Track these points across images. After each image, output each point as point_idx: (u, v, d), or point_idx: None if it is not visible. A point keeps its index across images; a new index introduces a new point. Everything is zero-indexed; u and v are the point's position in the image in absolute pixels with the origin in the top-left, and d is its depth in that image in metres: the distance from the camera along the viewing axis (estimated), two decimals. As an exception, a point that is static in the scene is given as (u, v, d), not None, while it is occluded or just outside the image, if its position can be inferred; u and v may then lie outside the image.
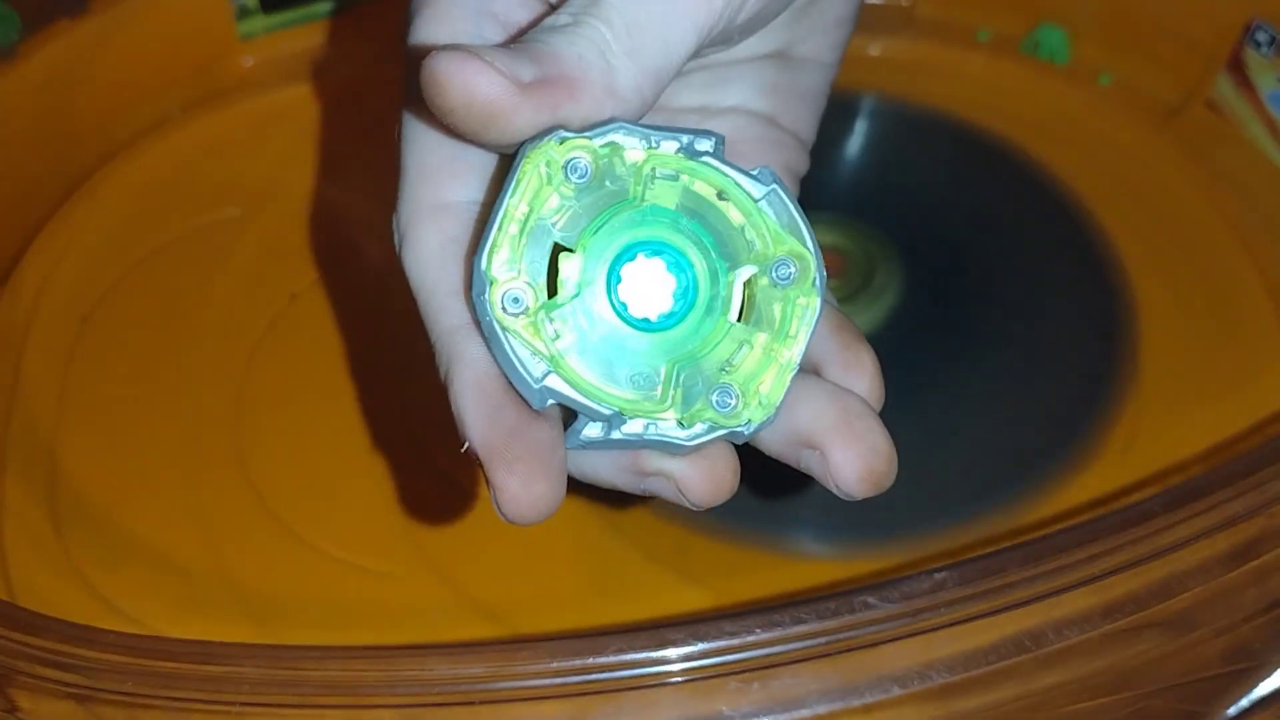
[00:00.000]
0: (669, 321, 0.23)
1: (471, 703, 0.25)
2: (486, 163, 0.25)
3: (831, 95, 0.31)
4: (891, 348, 0.40)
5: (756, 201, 0.23)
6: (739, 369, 0.23)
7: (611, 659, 0.25)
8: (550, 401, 0.23)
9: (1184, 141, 0.46)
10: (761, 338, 0.23)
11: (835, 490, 0.24)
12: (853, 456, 0.24)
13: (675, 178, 0.23)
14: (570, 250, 0.23)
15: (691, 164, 0.23)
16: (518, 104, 0.22)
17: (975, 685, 0.25)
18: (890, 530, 0.36)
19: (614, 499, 0.37)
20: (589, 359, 0.23)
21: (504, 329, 0.23)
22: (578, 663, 0.25)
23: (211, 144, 0.47)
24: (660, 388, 0.23)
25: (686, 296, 0.23)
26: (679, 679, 0.25)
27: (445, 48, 0.22)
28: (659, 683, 0.25)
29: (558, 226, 0.23)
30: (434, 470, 0.38)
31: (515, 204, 0.23)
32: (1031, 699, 0.25)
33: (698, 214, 0.23)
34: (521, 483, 0.23)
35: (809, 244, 0.23)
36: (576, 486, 0.37)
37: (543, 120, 0.22)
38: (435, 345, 0.25)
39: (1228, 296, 0.42)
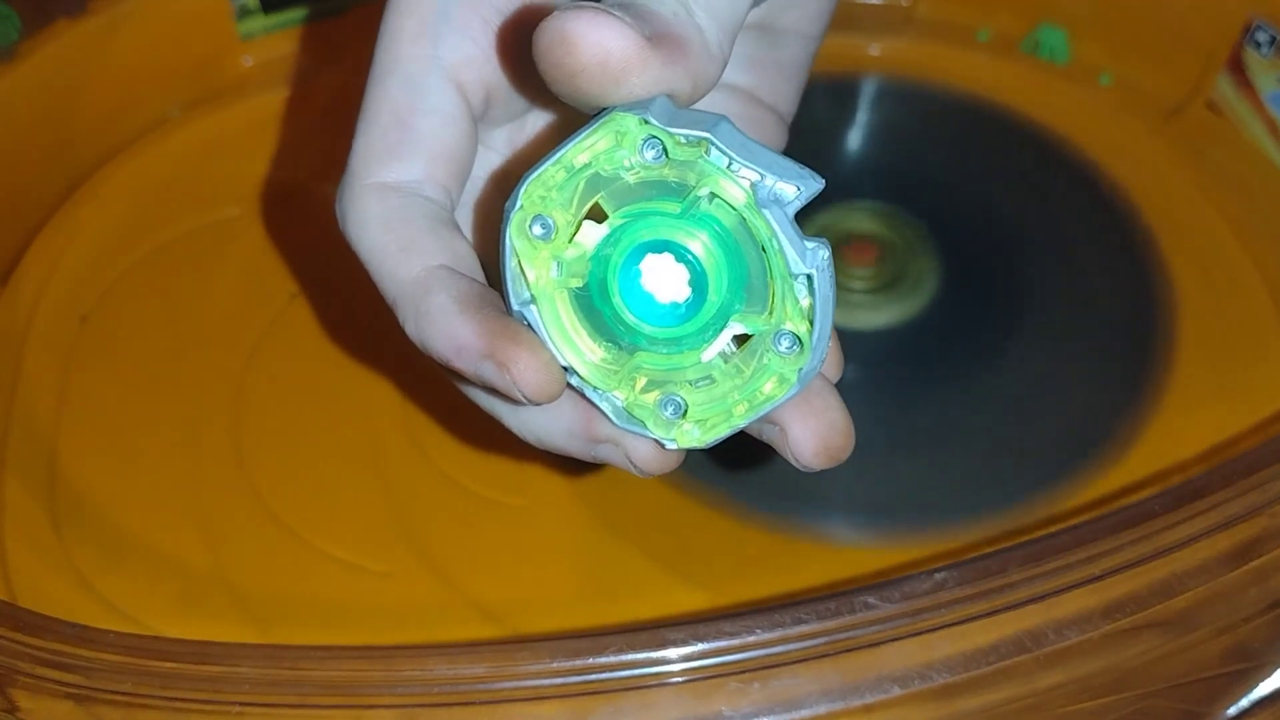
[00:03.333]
0: (661, 322, 0.24)
1: (471, 703, 0.25)
2: (434, 142, 0.26)
3: (871, 81, 0.30)
4: (925, 337, 0.41)
5: (792, 276, 0.23)
6: (697, 392, 0.24)
7: (611, 659, 0.25)
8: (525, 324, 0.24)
9: (1184, 141, 0.46)
10: (729, 384, 0.24)
11: (794, 463, 0.25)
12: (810, 433, 0.25)
13: (731, 209, 0.23)
14: (603, 218, 0.23)
15: (750, 210, 0.23)
16: (648, 58, 0.22)
17: (975, 685, 0.25)
18: (909, 521, 0.37)
19: (614, 499, 0.37)
20: (572, 313, 0.24)
21: (512, 246, 0.24)
22: (578, 663, 0.25)
23: (211, 144, 0.47)
24: (620, 370, 0.24)
25: (688, 311, 0.24)
26: (679, 679, 0.25)
27: (569, 8, 0.22)
28: (659, 683, 0.25)
29: (606, 191, 0.23)
30: (434, 470, 0.38)
31: (578, 151, 0.23)
32: (1031, 699, 0.25)
33: (741, 247, 0.23)
34: (531, 352, 0.23)
35: (816, 335, 0.23)
36: (576, 487, 0.37)
37: (665, 78, 0.22)
38: (396, 301, 0.25)
39: (1228, 296, 0.42)
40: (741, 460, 0.38)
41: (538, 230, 0.24)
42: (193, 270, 0.44)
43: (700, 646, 0.25)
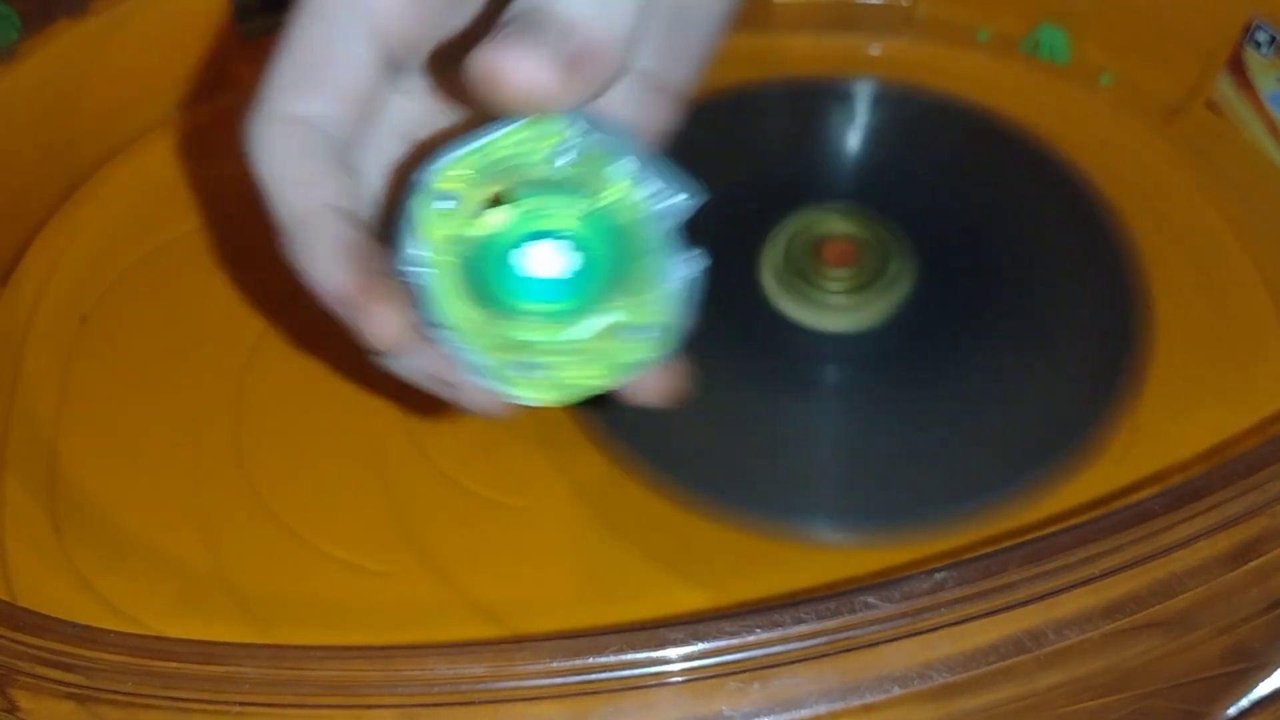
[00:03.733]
0: (539, 299, 0.26)
1: (471, 703, 0.25)
2: (345, 83, 0.27)
3: (848, 83, 0.30)
4: (905, 337, 0.40)
5: (665, 279, 0.25)
6: (561, 359, 0.26)
7: (611, 659, 0.25)
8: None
9: (1184, 141, 0.46)
10: (591, 356, 0.26)
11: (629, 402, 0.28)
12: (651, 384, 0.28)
13: (625, 213, 0.25)
14: (507, 202, 0.25)
15: (642, 215, 0.25)
16: (569, 84, 0.23)
17: (975, 685, 0.25)
18: (895, 523, 0.36)
19: (614, 499, 0.37)
20: (457, 279, 0.26)
21: (413, 210, 0.25)
22: (578, 663, 0.25)
23: (211, 144, 0.47)
24: (491, 334, 0.26)
25: (566, 292, 0.26)
26: (679, 679, 0.25)
27: (495, 36, 0.23)
28: (659, 683, 0.25)
29: (514, 180, 0.25)
30: (434, 470, 0.38)
31: (499, 143, 0.25)
32: (1031, 699, 0.25)
33: (625, 247, 0.25)
34: (394, 309, 0.25)
35: (675, 328, 0.26)
36: (576, 488, 0.37)
37: (586, 96, 0.24)
38: (288, 228, 0.26)
39: (1228, 296, 0.42)
40: (735, 463, 0.38)
41: (442, 204, 0.25)
42: (193, 270, 0.44)
43: (700, 646, 0.25)
